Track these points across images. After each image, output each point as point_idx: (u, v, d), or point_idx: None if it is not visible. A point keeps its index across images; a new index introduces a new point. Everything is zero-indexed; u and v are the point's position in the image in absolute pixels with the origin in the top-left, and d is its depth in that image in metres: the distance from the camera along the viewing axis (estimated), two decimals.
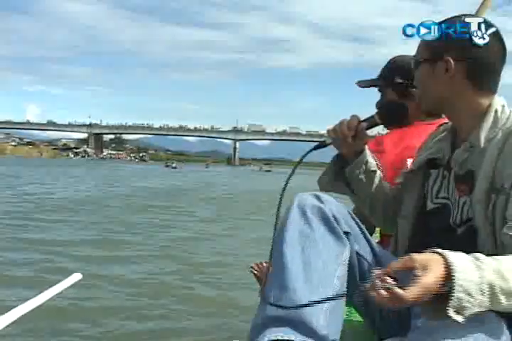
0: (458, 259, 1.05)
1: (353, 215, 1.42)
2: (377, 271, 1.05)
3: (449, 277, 1.03)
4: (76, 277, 2.13)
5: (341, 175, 1.62)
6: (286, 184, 1.39)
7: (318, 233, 1.30)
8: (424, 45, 1.43)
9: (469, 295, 1.04)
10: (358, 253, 1.37)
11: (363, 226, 1.42)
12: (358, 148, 1.57)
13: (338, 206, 1.38)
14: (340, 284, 1.28)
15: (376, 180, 1.61)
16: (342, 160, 1.61)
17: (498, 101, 1.41)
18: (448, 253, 1.06)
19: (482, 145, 1.36)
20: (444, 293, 1.04)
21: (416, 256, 1.04)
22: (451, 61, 1.37)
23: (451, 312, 1.04)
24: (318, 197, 1.37)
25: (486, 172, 1.32)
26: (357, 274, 1.37)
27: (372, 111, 1.60)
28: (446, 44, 1.37)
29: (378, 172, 1.62)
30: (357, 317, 1.62)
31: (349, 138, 1.52)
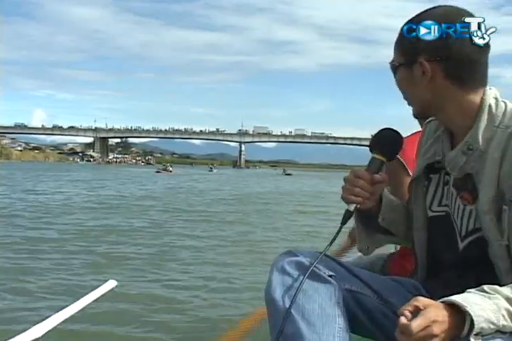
0: (465, 297, 1.09)
1: (333, 257, 1.40)
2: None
3: (463, 315, 1.06)
4: (111, 284, 2.13)
5: (371, 228, 1.53)
6: (331, 241, 1.36)
7: (304, 283, 1.28)
8: (397, 48, 1.36)
9: (491, 323, 1.07)
10: (350, 290, 1.34)
11: (347, 264, 1.39)
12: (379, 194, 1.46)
13: (313, 254, 1.35)
14: (343, 322, 1.28)
15: (400, 207, 1.52)
16: (362, 218, 1.51)
17: (489, 94, 1.31)
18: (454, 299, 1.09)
19: (481, 146, 1.27)
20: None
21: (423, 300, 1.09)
22: (425, 63, 1.29)
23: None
24: (291, 253, 1.36)
25: (490, 179, 1.24)
26: (358, 309, 1.35)
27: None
28: (418, 46, 1.29)
29: (394, 198, 1.52)
30: None
31: (372, 193, 1.40)
